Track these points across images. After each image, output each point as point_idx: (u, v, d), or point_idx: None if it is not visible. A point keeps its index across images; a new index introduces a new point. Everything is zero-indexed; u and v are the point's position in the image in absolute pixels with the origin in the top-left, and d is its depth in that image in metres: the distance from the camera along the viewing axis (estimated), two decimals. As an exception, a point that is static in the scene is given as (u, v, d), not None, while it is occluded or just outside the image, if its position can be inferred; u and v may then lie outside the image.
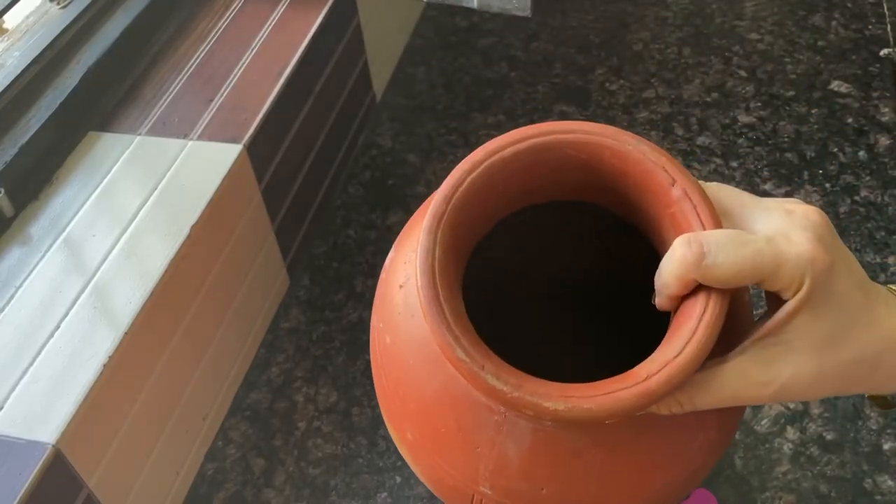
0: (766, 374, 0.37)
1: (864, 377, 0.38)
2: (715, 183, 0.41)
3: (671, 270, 0.37)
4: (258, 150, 0.72)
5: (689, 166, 0.90)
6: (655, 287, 0.39)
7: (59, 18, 0.76)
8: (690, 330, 0.36)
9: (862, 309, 0.37)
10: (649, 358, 0.37)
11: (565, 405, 0.36)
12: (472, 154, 0.42)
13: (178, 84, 0.77)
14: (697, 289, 0.37)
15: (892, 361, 0.38)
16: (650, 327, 0.45)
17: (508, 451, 0.41)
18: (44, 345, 0.57)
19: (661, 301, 0.39)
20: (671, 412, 0.39)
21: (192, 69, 0.78)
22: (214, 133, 0.72)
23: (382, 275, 0.49)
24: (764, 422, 0.69)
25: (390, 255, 0.50)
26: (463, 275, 0.43)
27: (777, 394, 0.37)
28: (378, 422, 0.71)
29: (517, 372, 0.37)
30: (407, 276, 0.46)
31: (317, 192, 0.87)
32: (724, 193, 0.40)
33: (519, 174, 0.42)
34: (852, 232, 0.82)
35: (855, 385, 0.39)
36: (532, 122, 0.93)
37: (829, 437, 0.67)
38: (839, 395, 0.40)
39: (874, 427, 0.67)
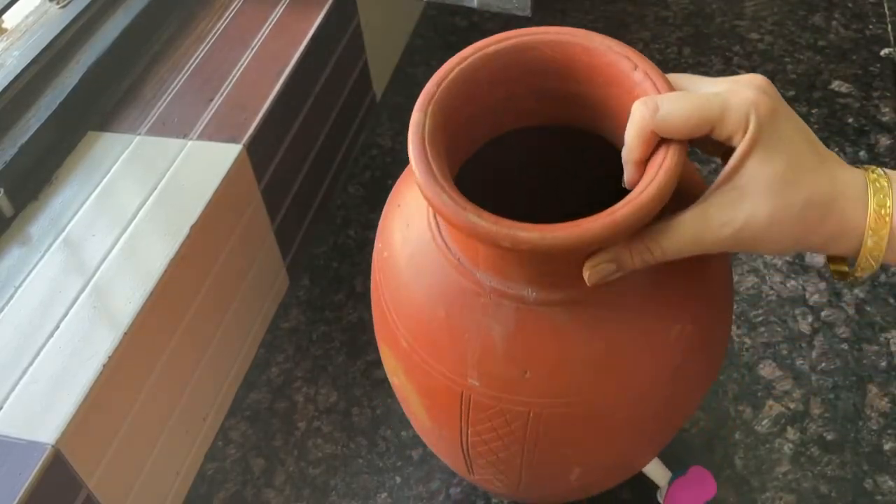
0: (724, 216, 0.39)
1: (817, 222, 0.40)
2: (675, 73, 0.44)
3: (631, 131, 0.40)
4: (258, 150, 0.72)
5: (689, 166, 0.90)
6: (623, 161, 0.42)
7: (59, 18, 0.76)
8: (652, 175, 0.39)
9: (810, 155, 0.40)
10: (618, 203, 0.40)
11: (539, 234, 0.38)
12: (460, 52, 0.45)
13: (177, 84, 0.77)
14: (657, 148, 0.40)
15: (843, 211, 0.40)
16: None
17: (493, 334, 0.43)
18: (44, 345, 0.57)
19: (628, 173, 0.42)
20: (643, 261, 0.40)
21: (191, 69, 0.78)
22: (214, 133, 0.72)
23: (385, 204, 0.52)
24: (764, 422, 0.69)
25: (394, 187, 0.53)
26: (453, 177, 0.45)
27: (736, 236, 0.40)
28: (378, 422, 0.71)
29: (496, 216, 0.40)
30: (404, 197, 0.49)
31: (317, 192, 0.87)
32: (683, 77, 0.43)
33: (501, 73, 0.45)
34: (852, 232, 0.82)
35: (810, 232, 0.40)
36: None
37: (829, 437, 0.67)
38: (798, 248, 0.41)
39: (874, 427, 0.67)
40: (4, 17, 0.73)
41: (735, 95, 0.40)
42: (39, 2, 0.78)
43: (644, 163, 0.41)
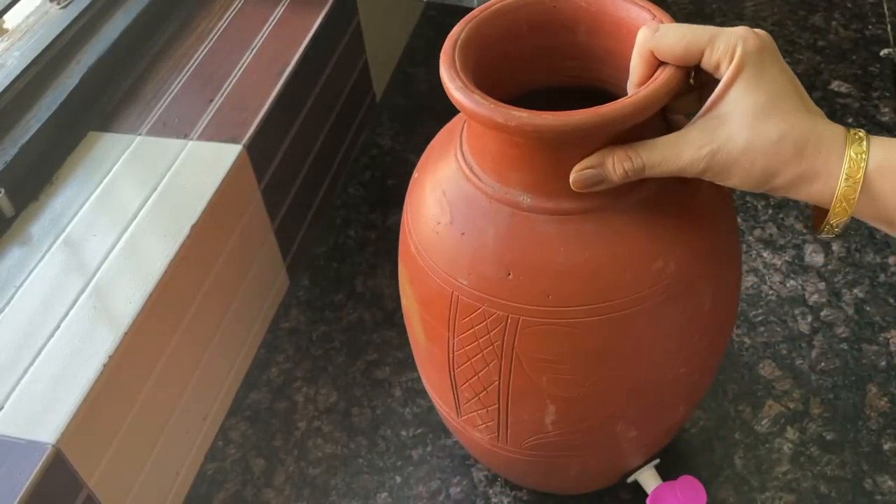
0: (703, 138, 0.42)
1: (790, 158, 0.41)
2: None
3: (635, 53, 0.44)
4: (258, 150, 0.72)
5: (689, 166, 0.90)
6: (627, 87, 0.46)
7: (60, 18, 0.76)
8: (647, 85, 0.43)
9: (793, 96, 0.42)
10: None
11: (529, 117, 0.42)
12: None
13: (178, 84, 0.77)
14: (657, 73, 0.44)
15: (818, 153, 0.41)
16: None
17: (487, 236, 0.47)
18: (44, 345, 0.57)
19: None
20: (624, 171, 0.43)
21: (192, 69, 0.79)
22: (214, 133, 0.72)
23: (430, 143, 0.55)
24: (764, 422, 0.69)
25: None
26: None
27: (711, 159, 0.42)
28: (378, 422, 0.71)
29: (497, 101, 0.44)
30: (448, 136, 0.53)
31: (317, 192, 0.87)
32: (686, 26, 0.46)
33: (525, 24, 0.50)
34: (852, 232, 0.82)
35: (782, 167, 0.42)
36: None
37: (829, 437, 0.67)
38: (768, 185, 0.43)
39: (874, 427, 0.67)
40: (5, 17, 0.73)
41: (728, 29, 0.43)
42: (40, 2, 0.78)
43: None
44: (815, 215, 0.45)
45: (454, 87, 0.45)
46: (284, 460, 0.70)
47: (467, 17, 0.49)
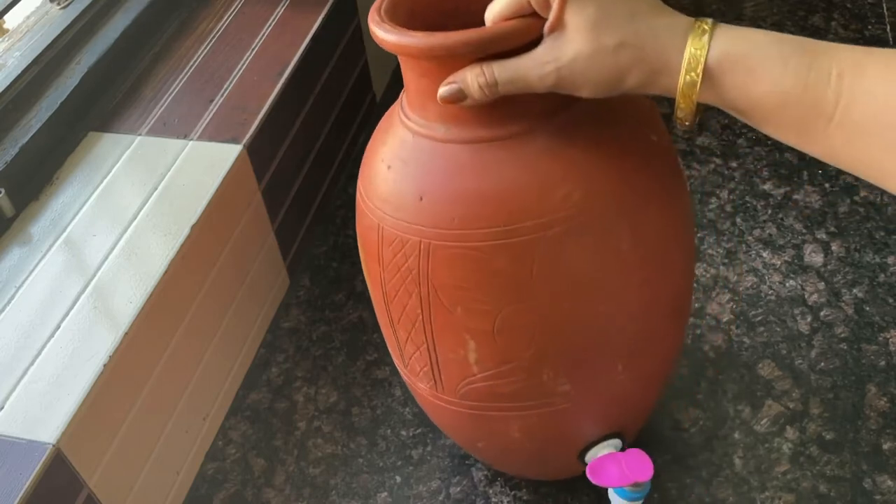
0: (548, 55, 0.45)
1: (632, 64, 0.44)
2: None
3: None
4: (258, 151, 0.72)
5: (688, 166, 0.90)
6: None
7: (60, 19, 0.76)
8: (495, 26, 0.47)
9: (623, 4, 0.44)
10: None
11: (423, 35, 0.46)
12: None
13: (178, 84, 0.77)
14: None
15: (660, 52, 0.43)
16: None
17: (408, 167, 0.51)
18: (44, 345, 0.57)
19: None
20: (479, 86, 0.46)
21: (192, 69, 0.79)
22: (214, 133, 0.72)
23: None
24: (763, 421, 0.69)
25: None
26: None
27: (557, 73, 0.45)
28: (378, 422, 0.72)
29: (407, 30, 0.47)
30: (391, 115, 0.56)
31: (317, 192, 0.87)
32: None
33: None
34: (852, 232, 0.82)
35: (626, 74, 0.44)
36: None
37: (828, 436, 0.67)
38: (619, 89, 0.45)
39: (873, 427, 0.67)
40: (5, 17, 0.73)
41: None
42: (40, 2, 0.78)
43: None
44: (674, 113, 0.47)
45: (373, 23, 0.48)
46: (284, 460, 0.70)
47: None
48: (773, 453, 0.67)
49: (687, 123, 0.46)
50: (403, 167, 0.51)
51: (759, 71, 0.42)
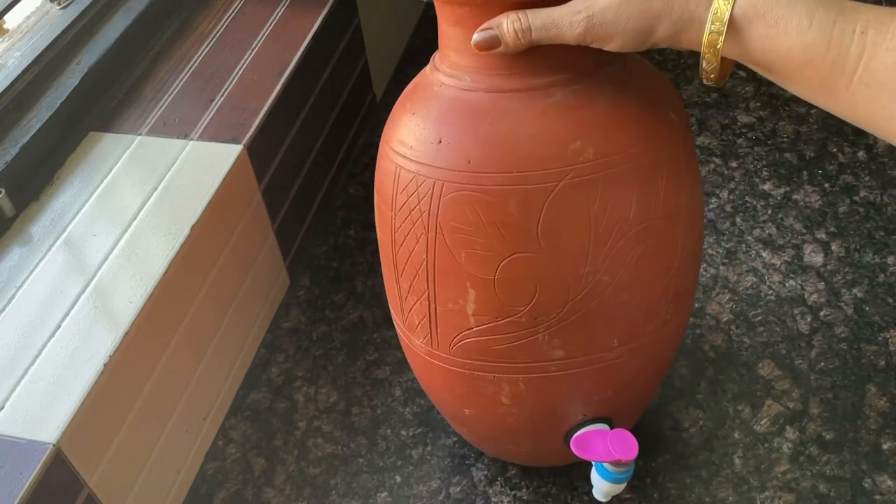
0: (582, 3, 0.46)
1: (660, 11, 0.45)
2: None
3: None
4: (258, 151, 0.73)
5: (688, 166, 0.90)
6: None
7: (60, 19, 0.76)
8: None
9: None
10: None
11: None
12: None
13: (178, 84, 0.77)
14: None
15: (685, 5, 0.44)
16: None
17: (430, 112, 0.53)
18: (44, 345, 0.57)
19: None
20: (514, 29, 0.47)
21: (192, 69, 0.79)
22: (215, 133, 0.72)
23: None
24: (763, 421, 0.69)
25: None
26: None
27: (588, 20, 0.46)
28: (378, 421, 0.72)
29: None
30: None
31: (317, 192, 0.87)
32: None
33: None
34: (851, 231, 0.82)
35: (656, 21, 0.45)
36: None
37: (828, 436, 0.67)
38: (649, 40, 0.46)
39: (873, 427, 0.67)
40: (6, 17, 0.73)
41: None
42: (41, 2, 0.78)
43: None
44: (700, 67, 0.48)
45: None
46: (285, 460, 0.70)
47: None
48: (773, 453, 0.67)
49: (713, 76, 0.46)
50: (427, 113, 0.53)
51: (784, 24, 0.42)
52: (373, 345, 0.77)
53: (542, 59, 0.50)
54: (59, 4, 0.77)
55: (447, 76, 0.53)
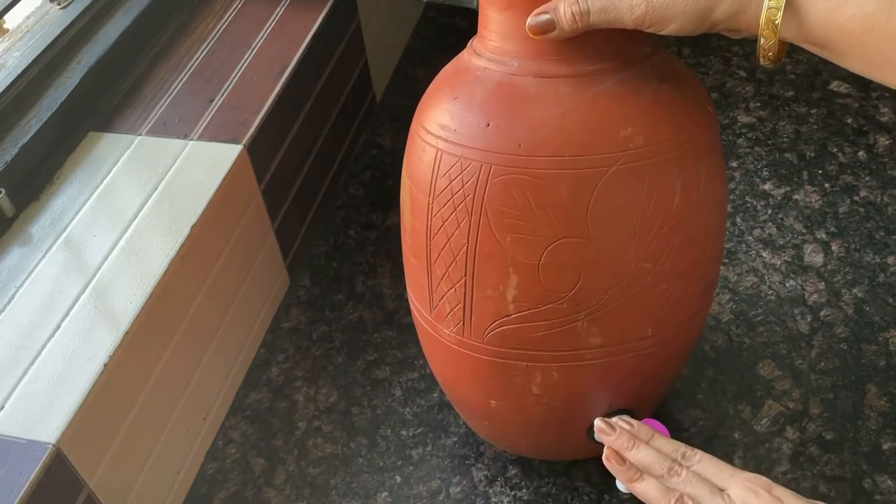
0: None
1: None
2: None
3: None
4: (258, 151, 0.72)
5: (688, 166, 0.90)
6: None
7: (60, 19, 0.76)
8: None
9: None
10: None
11: None
12: None
13: (178, 84, 0.77)
14: None
15: None
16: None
17: (476, 95, 0.52)
18: (44, 344, 0.57)
19: None
20: (571, 12, 0.47)
21: (192, 69, 0.79)
22: (215, 133, 0.72)
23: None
24: (763, 421, 0.69)
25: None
26: None
27: (648, 3, 0.45)
28: (378, 421, 0.72)
29: None
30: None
31: (317, 193, 0.87)
32: None
33: None
34: (852, 231, 0.82)
35: (716, 1, 0.45)
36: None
37: (828, 436, 0.67)
38: (707, 22, 0.46)
39: (873, 427, 0.67)
40: (6, 17, 0.73)
41: None
42: (40, 2, 0.78)
43: None
44: (757, 47, 0.47)
45: None
46: (285, 460, 0.70)
47: None
48: (773, 453, 0.67)
49: (770, 55, 0.46)
50: (471, 97, 0.52)
51: None
52: (373, 345, 0.77)
53: (591, 46, 0.50)
54: (59, 4, 0.77)
55: (491, 62, 0.53)
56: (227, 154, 0.70)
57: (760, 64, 0.47)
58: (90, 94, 0.74)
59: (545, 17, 0.48)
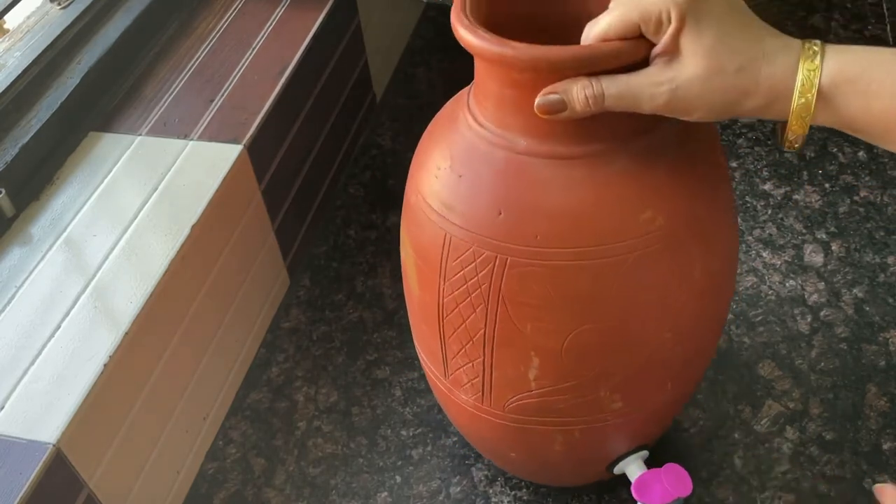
0: (664, 75, 0.44)
1: (748, 87, 0.43)
2: None
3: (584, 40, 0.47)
4: (258, 151, 0.72)
5: (688, 166, 0.90)
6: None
7: (60, 19, 0.76)
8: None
9: (740, 28, 0.44)
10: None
11: (526, 48, 0.44)
12: None
13: (178, 84, 0.77)
14: None
15: (774, 76, 0.43)
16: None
17: (482, 177, 0.49)
18: (45, 344, 0.57)
19: None
20: (586, 99, 0.45)
21: (192, 69, 0.79)
22: (215, 133, 0.72)
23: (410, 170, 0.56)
24: (763, 421, 0.69)
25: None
26: None
27: (672, 95, 0.44)
28: (378, 421, 0.72)
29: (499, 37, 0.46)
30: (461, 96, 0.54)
31: (317, 193, 0.87)
32: None
33: None
34: (852, 232, 0.82)
35: (743, 98, 0.44)
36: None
37: (828, 436, 0.67)
38: (732, 114, 0.45)
39: (873, 427, 0.67)
40: (6, 17, 0.73)
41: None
42: (41, 2, 0.78)
43: None
44: (780, 129, 0.47)
45: (461, 25, 0.47)
46: (285, 460, 0.70)
47: None
48: (773, 453, 0.67)
49: (797, 146, 0.45)
50: (478, 178, 0.49)
51: (877, 87, 0.42)
52: (373, 345, 0.77)
53: (603, 124, 0.46)
54: (59, 4, 0.77)
55: (495, 135, 0.49)
56: (227, 154, 0.70)
57: (781, 146, 0.46)
58: (90, 94, 0.74)
59: (555, 97, 0.45)
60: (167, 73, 0.78)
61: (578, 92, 0.45)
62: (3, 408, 0.54)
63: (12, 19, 0.76)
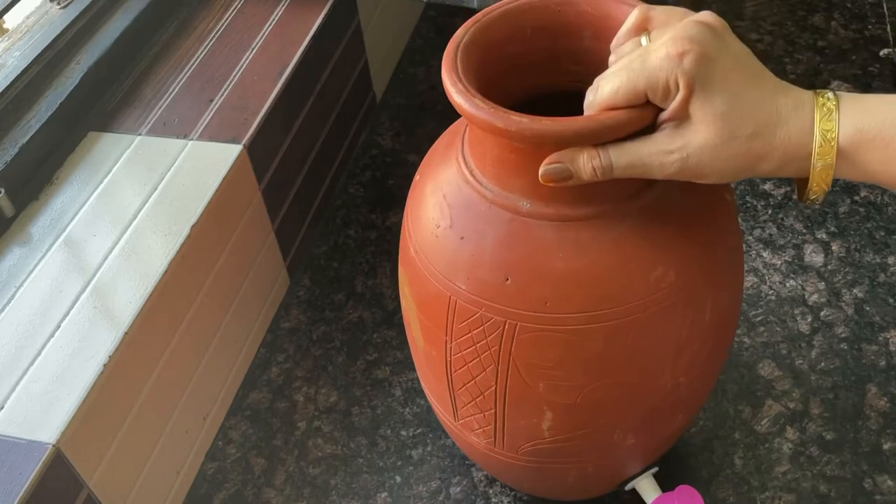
0: (674, 143, 0.42)
1: (765, 152, 0.42)
2: (668, 7, 0.46)
3: (586, 108, 0.45)
4: (258, 151, 0.72)
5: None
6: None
7: (60, 18, 0.76)
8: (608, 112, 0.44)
9: (751, 90, 0.42)
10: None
11: (530, 122, 0.42)
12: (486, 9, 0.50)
13: (178, 84, 0.77)
14: None
15: (789, 139, 0.42)
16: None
17: (486, 241, 0.47)
18: (44, 345, 0.57)
19: None
20: (593, 168, 0.43)
21: (192, 69, 0.79)
22: (214, 133, 0.72)
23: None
24: (764, 421, 0.69)
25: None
26: None
27: (683, 163, 0.42)
28: (378, 422, 0.71)
29: (498, 106, 0.44)
30: (452, 138, 0.53)
31: (317, 193, 0.87)
32: (663, 12, 0.46)
33: (529, 28, 0.50)
34: (852, 232, 0.82)
35: (757, 162, 0.43)
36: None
37: (828, 436, 0.67)
38: (745, 176, 0.45)
39: (874, 427, 0.67)
40: (5, 17, 0.73)
41: (658, 55, 0.42)
42: (40, 2, 0.78)
43: None
44: (798, 186, 0.46)
45: (455, 90, 0.45)
46: (285, 460, 0.70)
47: (471, 20, 0.49)
48: (773, 453, 0.67)
49: (818, 204, 0.45)
50: (482, 241, 0.48)
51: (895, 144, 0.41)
52: (373, 345, 0.77)
53: (608, 184, 0.45)
54: (58, 4, 0.77)
55: (496, 195, 0.47)
56: (226, 154, 0.70)
57: (802, 203, 0.45)
58: (90, 94, 0.74)
59: (561, 167, 0.44)
60: (167, 72, 0.78)
61: (585, 163, 0.43)
62: (2, 408, 0.54)
63: (12, 19, 0.76)
